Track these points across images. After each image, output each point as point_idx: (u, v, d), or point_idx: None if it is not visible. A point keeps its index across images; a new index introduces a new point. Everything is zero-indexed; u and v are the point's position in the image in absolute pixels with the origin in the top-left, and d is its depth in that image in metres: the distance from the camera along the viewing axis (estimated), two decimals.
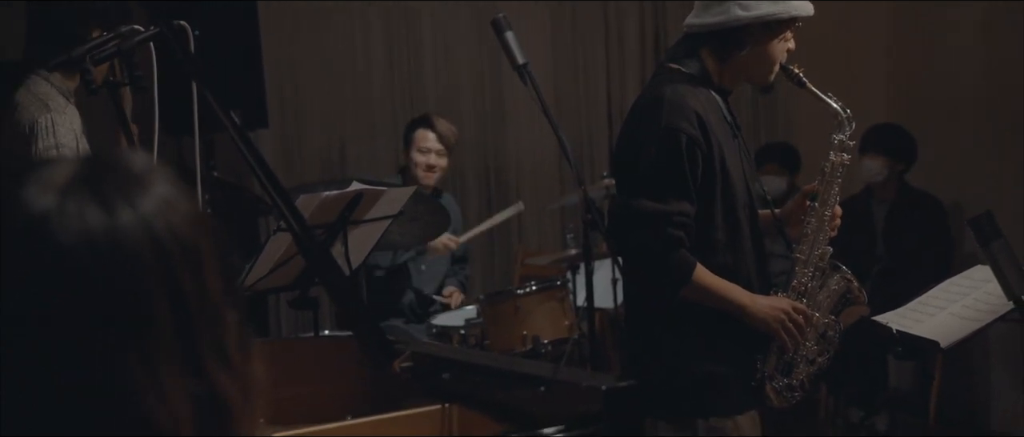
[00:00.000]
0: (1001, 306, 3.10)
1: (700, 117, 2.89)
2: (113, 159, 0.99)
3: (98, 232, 0.91)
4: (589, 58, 6.65)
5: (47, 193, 0.92)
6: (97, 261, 0.91)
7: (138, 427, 0.91)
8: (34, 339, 0.90)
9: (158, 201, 0.95)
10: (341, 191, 3.46)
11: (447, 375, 2.18)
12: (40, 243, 0.91)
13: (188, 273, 0.95)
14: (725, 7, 2.93)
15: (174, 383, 0.93)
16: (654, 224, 2.84)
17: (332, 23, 6.33)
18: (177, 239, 0.95)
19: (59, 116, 3.22)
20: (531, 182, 6.59)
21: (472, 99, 6.52)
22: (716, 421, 2.91)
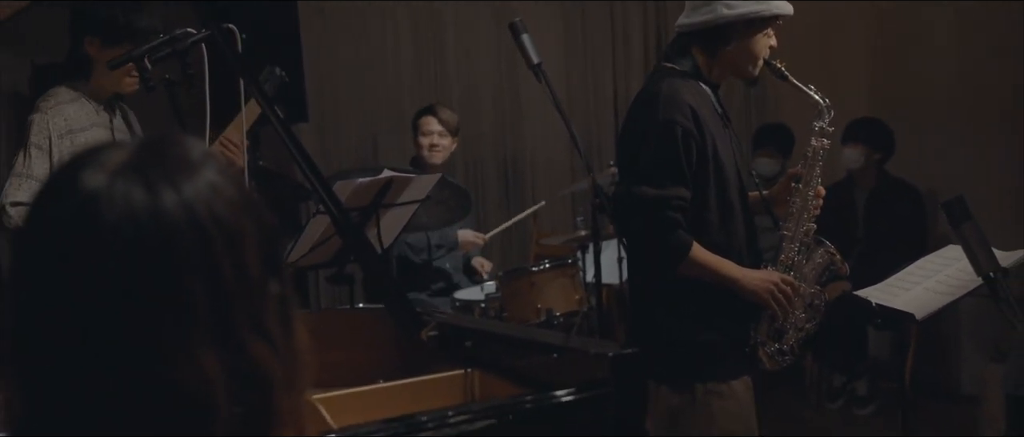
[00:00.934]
0: (971, 282, 3.08)
1: (693, 110, 2.89)
2: (167, 145, 0.98)
3: (141, 213, 0.91)
4: (597, 57, 6.65)
5: (99, 175, 0.92)
6: (138, 239, 0.90)
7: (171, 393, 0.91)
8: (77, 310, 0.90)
9: (203, 186, 0.94)
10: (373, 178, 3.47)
11: (469, 343, 2.20)
12: (88, 220, 0.90)
13: (226, 254, 0.94)
14: (711, 7, 2.94)
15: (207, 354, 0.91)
16: (654, 208, 2.85)
17: (365, 26, 6.33)
18: (217, 222, 0.94)
19: (40, 115, 3.18)
20: (544, 171, 6.61)
21: (491, 95, 6.52)
22: (713, 385, 2.90)
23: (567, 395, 1.93)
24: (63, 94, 3.24)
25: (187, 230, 0.92)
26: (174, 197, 0.92)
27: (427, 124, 5.11)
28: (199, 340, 0.91)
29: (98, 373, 0.90)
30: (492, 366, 2.13)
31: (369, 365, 2.33)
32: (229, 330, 0.93)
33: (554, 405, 1.92)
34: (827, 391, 5.67)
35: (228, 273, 0.93)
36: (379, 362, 2.35)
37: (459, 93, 6.39)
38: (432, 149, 5.07)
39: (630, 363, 1.94)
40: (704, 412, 2.90)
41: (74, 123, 3.19)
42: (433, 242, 5.04)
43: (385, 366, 2.31)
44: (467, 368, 2.16)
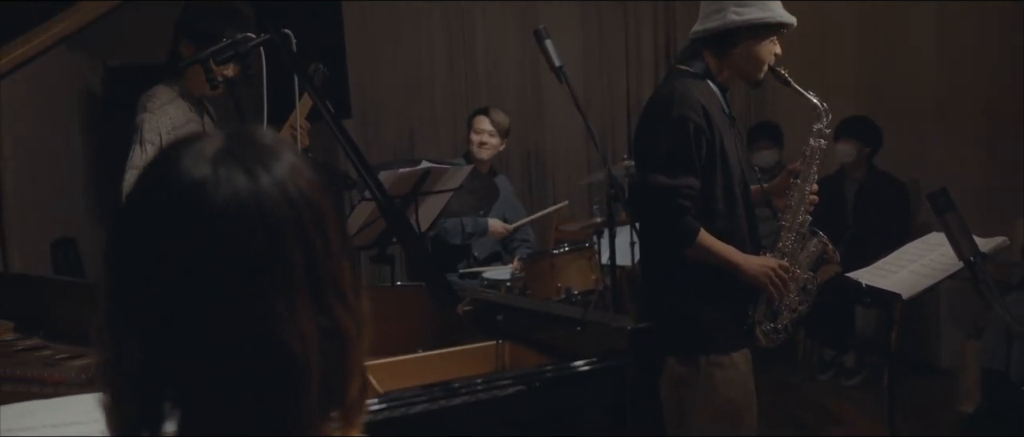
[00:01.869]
0: (953, 265, 3.08)
1: (704, 108, 2.90)
2: (249, 133, 1.00)
3: (245, 194, 0.94)
4: (611, 59, 6.64)
5: (201, 163, 0.94)
6: (245, 218, 0.93)
7: (277, 352, 0.93)
8: (195, 284, 0.92)
9: (288, 167, 0.97)
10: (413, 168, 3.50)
11: (500, 317, 2.22)
12: (199, 205, 0.93)
13: (314, 227, 0.97)
14: (722, 14, 2.95)
15: (306, 316, 0.94)
16: (666, 196, 2.85)
17: (402, 29, 6.35)
18: (305, 199, 0.97)
19: (149, 116, 3.21)
20: (564, 163, 6.61)
21: (515, 94, 6.52)
22: (715, 357, 2.91)
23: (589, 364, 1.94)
24: (164, 94, 3.28)
25: (283, 207, 0.95)
26: (269, 178, 0.95)
27: (480, 123, 5.12)
28: (299, 304, 0.94)
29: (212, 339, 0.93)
30: (521, 338, 2.15)
31: (409, 337, 2.33)
32: (320, 295, 0.96)
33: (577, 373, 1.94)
34: (818, 364, 5.67)
35: (317, 244, 0.96)
36: (418, 334, 2.36)
37: (487, 92, 6.40)
38: (482, 146, 5.09)
39: (647, 335, 1.96)
40: (707, 381, 2.91)
41: (177, 121, 3.23)
42: (466, 229, 5.06)
43: (423, 338, 2.33)
44: (498, 339, 2.17)
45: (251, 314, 0.93)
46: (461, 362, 2.13)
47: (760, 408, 4.77)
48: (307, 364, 0.94)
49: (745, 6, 2.94)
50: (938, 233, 3.19)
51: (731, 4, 2.95)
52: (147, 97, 3.25)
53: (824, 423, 5.06)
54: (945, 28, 5.82)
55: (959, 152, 5.75)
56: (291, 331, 0.93)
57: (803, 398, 5.42)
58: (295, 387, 0.94)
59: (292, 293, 0.94)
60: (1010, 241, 5.20)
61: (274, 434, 0.95)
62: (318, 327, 0.95)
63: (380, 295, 2.74)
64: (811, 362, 5.70)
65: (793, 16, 3.00)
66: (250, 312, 0.93)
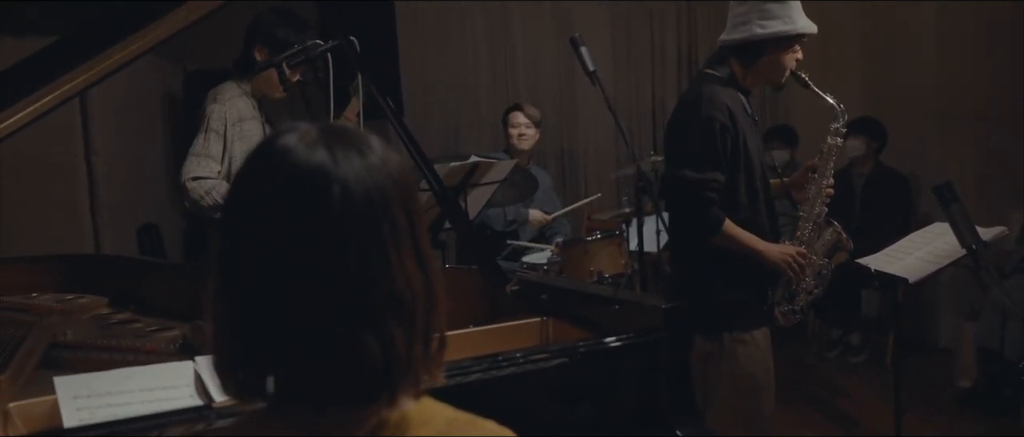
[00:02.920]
0: (955, 252, 3.05)
1: (729, 109, 2.88)
2: (338, 126, 1.05)
3: (361, 170, 0.99)
4: (638, 63, 6.60)
5: (316, 148, 0.99)
6: (364, 190, 0.99)
7: (391, 293, 0.98)
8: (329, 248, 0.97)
9: (382, 150, 1.03)
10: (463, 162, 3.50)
11: (545, 296, 2.21)
12: (327, 184, 0.98)
13: (410, 196, 1.03)
14: (748, 27, 2.92)
15: (410, 266, 1.00)
16: (695, 189, 2.84)
17: (450, 35, 6.34)
18: (400, 173, 1.03)
19: (218, 105, 3.19)
20: (595, 158, 6.58)
21: (552, 95, 6.50)
22: (737, 335, 2.91)
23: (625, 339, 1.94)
24: (232, 89, 3.26)
25: (388, 179, 1.01)
26: (374, 157, 1.01)
27: (516, 118, 5.14)
28: (407, 254, 1.00)
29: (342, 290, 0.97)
30: (564, 314, 2.14)
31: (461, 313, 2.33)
32: (420, 252, 1.02)
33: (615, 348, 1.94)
34: (826, 342, 5.62)
35: (413, 210, 1.03)
36: (470, 311, 2.36)
37: (525, 92, 6.38)
38: (520, 138, 5.10)
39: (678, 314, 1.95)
40: (730, 356, 2.91)
41: (243, 113, 3.22)
42: (508, 217, 5.06)
43: (475, 314, 2.33)
44: (543, 316, 2.17)
45: (375, 266, 0.98)
46: (510, 337, 2.12)
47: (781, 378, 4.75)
48: (414, 308, 1.00)
49: (769, 18, 2.91)
50: (941, 223, 3.16)
51: (756, 15, 2.92)
52: (216, 91, 3.25)
53: (833, 397, 5.03)
54: (944, 30, 5.76)
55: (958, 148, 5.69)
56: (403, 280, 0.99)
57: (813, 374, 5.38)
58: (405, 329, 0.99)
59: (401, 249, 1.00)
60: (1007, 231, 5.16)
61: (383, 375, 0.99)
62: (421, 282, 1.01)
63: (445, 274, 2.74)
64: (820, 340, 5.66)
65: (815, 26, 2.97)
66: (374, 265, 0.98)
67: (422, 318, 1.01)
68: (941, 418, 4.58)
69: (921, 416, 4.54)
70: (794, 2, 2.95)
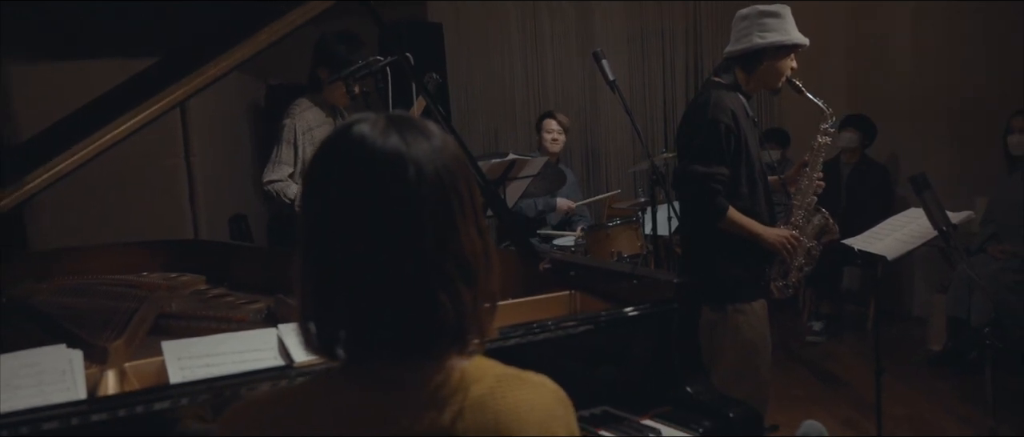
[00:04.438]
0: (928, 234, 3.01)
1: (733, 113, 2.86)
2: (403, 116, 1.04)
3: (431, 152, 0.99)
4: (651, 72, 6.55)
5: (389, 135, 0.99)
6: (434, 169, 0.98)
7: (459, 257, 0.98)
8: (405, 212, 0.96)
9: (442, 135, 1.02)
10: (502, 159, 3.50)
11: (573, 273, 2.21)
12: (402, 164, 0.97)
13: (469, 173, 1.03)
14: (749, 38, 2.90)
15: (473, 234, 1.00)
16: (703, 181, 2.83)
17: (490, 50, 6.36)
18: (459, 154, 1.03)
19: (290, 119, 3.23)
20: (615, 155, 6.55)
21: (577, 100, 6.49)
22: (739, 305, 2.89)
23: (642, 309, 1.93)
24: (305, 103, 3.30)
25: (451, 159, 1.00)
26: (438, 141, 1.00)
27: (549, 124, 5.13)
28: (470, 224, 1.00)
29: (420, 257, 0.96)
30: (589, 289, 2.14)
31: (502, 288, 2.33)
32: (479, 222, 1.01)
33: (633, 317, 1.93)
34: (815, 312, 5.55)
35: (472, 185, 1.02)
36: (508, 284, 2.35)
37: (554, 99, 6.37)
38: (553, 142, 5.10)
39: (689, 288, 1.94)
40: (732, 324, 2.89)
41: (312, 123, 3.24)
42: (539, 207, 5.06)
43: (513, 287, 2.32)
44: (571, 290, 2.17)
45: (446, 233, 0.98)
46: (542, 307, 2.11)
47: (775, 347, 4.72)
48: (478, 270, 1.00)
49: (768, 30, 2.88)
50: (916, 208, 3.11)
51: (756, 29, 2.90)
52: (292, 105, 3.29)
53: (821, 359, 4.97)
54: (918, 41, 5.67)
55: (930, 142, 5.61)
56: (470, 246, 0.99)
57: (804, 339, 5.33)
58: (469, 285, 0.99)
59: (465, 217, 0.99)
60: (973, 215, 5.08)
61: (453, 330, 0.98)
62: (481, 247, 1.01)
63: None
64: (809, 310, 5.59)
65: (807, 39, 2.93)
66: (445, 232, 0.98)
67: (484, 279, 1.01)
68: (915, 377, 4.52)
69: (897, 376, 4.48)
70: (788, 18, 2.92)
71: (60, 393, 1.50)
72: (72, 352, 1.60)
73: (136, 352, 1.92)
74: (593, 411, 1.85)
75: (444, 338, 0.99)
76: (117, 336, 1.96)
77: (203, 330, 2.13)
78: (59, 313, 2.30)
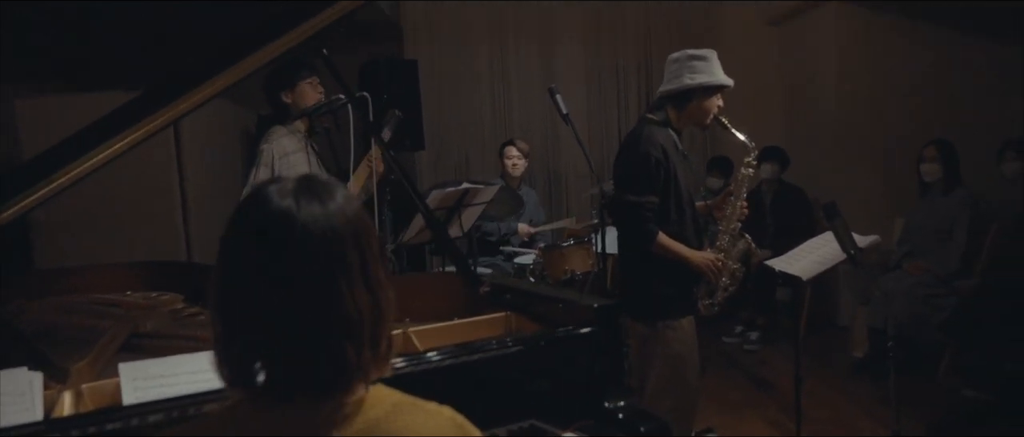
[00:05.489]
0: (839, 256, 3.03)
1: (663, 147, 2.86)
2: (313, 177, 1.03)
3: (320, 216, 0.97)
4: (607, 106, 6.56)
5: (286, 197, 0.98)
6: (321, 232, 0.97)
7: (343, 316, 0.97)
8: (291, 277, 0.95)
9: (342, 198, 1.01)
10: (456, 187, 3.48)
11: (509, 295, 2.19)
12: (290, 225, 0.97)
13: (364, 237, 1.00)
14: (680, 79, 2.91)
15: (360, 293, 0.98)
16: (634, 209, 2.83)
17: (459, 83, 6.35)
18: (358, 219, 1.01)
19: (267, 144, 3.14)
20: (574, 180, 6.55)
21: (540, 129, 6.47)
22: (668, 322, 2.89)
23: (567, 332, 1.92)
24: (281, 130, 3.21)
25: (345, 225, 0.98)
26: (333, 205, 0.99)
27: (510, 151, 5.12)
28: (358, 283, 0.98)
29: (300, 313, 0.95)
30: (522, 310, 2.12)
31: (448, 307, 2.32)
32: (368, 282, 0.99)
33: (560, 337, 1.92)
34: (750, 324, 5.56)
35: (366, 249, 1.00)
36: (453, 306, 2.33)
37: (520, 128, 6.37)
38: (513, 167, 5.09)
39: (608, 310, 1.92)
40: (662, 339, 2.88)
41: (289, 149, 3.15)
42: (502, 231, 5.04)
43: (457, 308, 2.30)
44: (507, 311, 2.15)
45: (328, 294, 0.96)
46: (482, 327, 2.10)
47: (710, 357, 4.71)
48: (361, 327, 0.98)
49: (697, 72, 2.90)
50: (829, 233, 3.13)
51: (686, 71, 2.91)
52: (269, 132, 3.20)
53: (756, 366, 4.98)
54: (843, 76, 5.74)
55: (855, 169, 5.65)
56: (352, 305, 0.97)
57: (740, 348, 5.34)
58: (354, 343, 0.97)
59: (352, 280, 0.97)
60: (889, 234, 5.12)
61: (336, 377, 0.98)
62: (368, 302, 0.99)
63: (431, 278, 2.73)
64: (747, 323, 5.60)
65: (732, 81, 2.95)
66: (327, 293, 0.96)
67: (369, 332, 0.99)
68: (838, 382, 4.53)
69: (823, 379, 4.50)
70: (715, 61, 2.94)
71: (18, 414, 1.47)
72: (33, 374, 1.56)
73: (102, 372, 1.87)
74: (521, 425, 1.82)
75: (326, 382, 0.99)
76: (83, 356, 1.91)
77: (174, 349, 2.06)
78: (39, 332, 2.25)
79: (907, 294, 4.46)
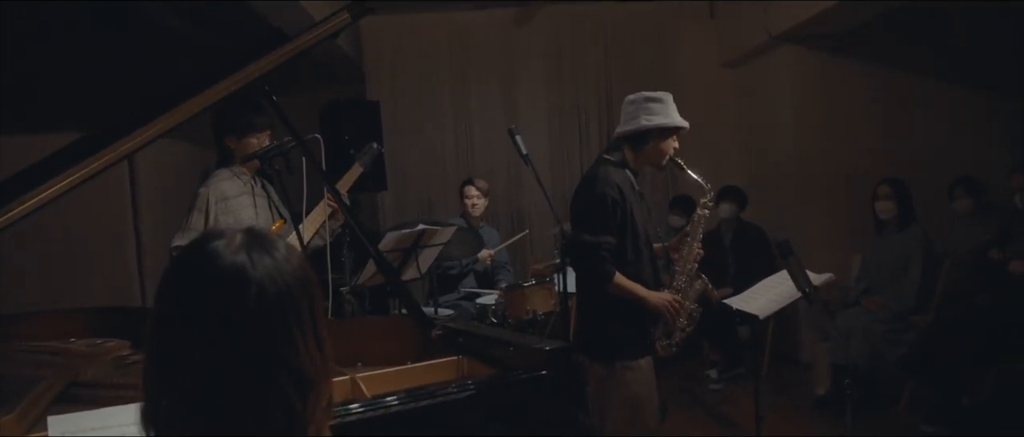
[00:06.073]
0: (795, 294, 3.04)
1: (619, 187, 2.87)
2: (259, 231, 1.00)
3: (274, 272, 0.95)
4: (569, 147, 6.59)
5: (238, 252, 0.95)
6: (277, 289, 0.95)
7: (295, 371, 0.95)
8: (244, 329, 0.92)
9: (286, 251, 0.99)
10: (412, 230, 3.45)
11: (461, 339, 2.16)
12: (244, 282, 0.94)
13: (313, 291, 0.99)
14: (637, 121, 2.93)
15: (312, 347, 0.96)
16: (591, 249, 2.82)
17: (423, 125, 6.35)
18: (304, 271, 0.99)
19: (205, 188, 3.02)
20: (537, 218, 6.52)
21: (503, 169, 6.47)
22: (626, 362, 2.87)
23: (519, 375, 1.89)
24: (223, 174, 3.08)
25: (294, 278, 0.96)
26: (282, 260, 0.97)
27: (469, 190, 5.11)
28: (309, 338, 0.96)
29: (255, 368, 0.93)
30: (474, 354, 2.09)
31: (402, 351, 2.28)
32: (318, 332, 0.97)
33: (511, 381, 1.88)
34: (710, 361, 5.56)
35: (315, 302, 0.98)
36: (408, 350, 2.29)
37: (482, 169, 6.36)
38: (473, 206, 5.07)
39: (559, 353, 1.90)
40: (620, 379, 2.86)
41: (228, 193, 3.03)
42: (463, 262, 5.01)
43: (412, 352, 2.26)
44: (460, 355, 2.12)
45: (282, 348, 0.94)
46: (435, 371, 2.06)
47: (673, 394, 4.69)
48: (314, 383, 0.96)
49: (653, 114, 2.92)
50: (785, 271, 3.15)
51: (642, 113, 2.93)
52: (210, 175, 3.09)
53: (719, 403, 4.97)
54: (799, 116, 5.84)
55: (808, 212, 5.73)
56: (306, 357, 0.95)
57: (705, 385, 5.32)
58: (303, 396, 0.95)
59: (304, 333, 0.96)
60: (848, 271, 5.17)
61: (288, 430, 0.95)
62: (318, 355, 0.97)
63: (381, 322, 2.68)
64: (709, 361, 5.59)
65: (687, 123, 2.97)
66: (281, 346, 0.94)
67: (318, 382, 0.98)
68: (801, 418, 4.53)
69: (785, 416, 4.50)
70: (670, 103, 2.96)
71: None
72: None
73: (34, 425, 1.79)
74: None
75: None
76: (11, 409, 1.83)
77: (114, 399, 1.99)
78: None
79: (865, 330, 4.49)
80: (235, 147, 3.05)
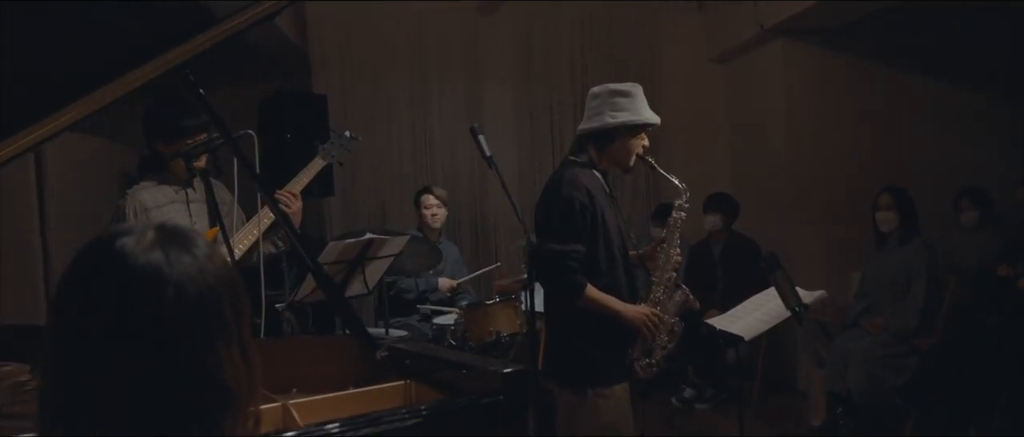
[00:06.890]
0: (784, 313, 3.06)
1: (588, 190, 2.87)
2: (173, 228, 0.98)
3: (194, 272, 0.93)
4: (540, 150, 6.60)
5: (152, 250, 0.93)
6: (198, 290, 0.93)
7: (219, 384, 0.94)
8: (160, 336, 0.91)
9: (206, 250, 0.97)
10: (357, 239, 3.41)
11: (408, 361, 2.13)
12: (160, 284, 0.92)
13: (238, 294, 0.98)
14: (601, 117, 2.93)
15: (236, 359, 0.95)
16: (558, 259, 2.81)
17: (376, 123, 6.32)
18: (230, 273, 0.99)
19: (123, 201, 3.04)
20: (503, 230, 6.53)
21: (466, 176, 6.47)
22: (599, 390, 2.85)
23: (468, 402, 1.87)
24: (144, 183, 3.08)
25: (217, 278, 0.95)
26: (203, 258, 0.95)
27: (427, 199, 5.08)
28: (234, 347, 0.95)
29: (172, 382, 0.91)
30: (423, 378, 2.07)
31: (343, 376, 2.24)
32: (242, 344, 0.96)
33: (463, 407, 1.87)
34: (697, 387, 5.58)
35: (240, 305, 0.98)
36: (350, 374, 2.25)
37: (442, 175, 6.35)
38: (432, 218, 5.04)
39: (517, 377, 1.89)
40: (593, 408, 2.84)
41: (149, 203, 3.02)
42: (420, 287, 4.98)
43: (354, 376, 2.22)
44: (407, 379, 2.10)
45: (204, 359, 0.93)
46: (381, 397, 2.03)
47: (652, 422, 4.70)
48: (238, 392, 0.96)
49: (619, 110, 2.92)
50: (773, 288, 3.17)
51: (607, 108, 2.94)
52: (132, 187, 3.09)
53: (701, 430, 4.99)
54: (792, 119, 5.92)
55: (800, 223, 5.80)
56: (230, 371, 0.94)
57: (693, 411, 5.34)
58: (227, 414, 0.95)
59: (228, 341, 0.95)
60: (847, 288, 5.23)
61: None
62: (243, 368, 0.97)
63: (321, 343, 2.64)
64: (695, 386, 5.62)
65: (658, 118, 2.99)
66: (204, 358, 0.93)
67: (244, 400, 0.97)
68: None
69: None
70: (640, 97, 2.95)
71: None
72: None
73: None
74: None
75: None
76: None
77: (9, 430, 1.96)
78: None
79: (865, 354, 4.53)
80: (166, 152, 3.03)
